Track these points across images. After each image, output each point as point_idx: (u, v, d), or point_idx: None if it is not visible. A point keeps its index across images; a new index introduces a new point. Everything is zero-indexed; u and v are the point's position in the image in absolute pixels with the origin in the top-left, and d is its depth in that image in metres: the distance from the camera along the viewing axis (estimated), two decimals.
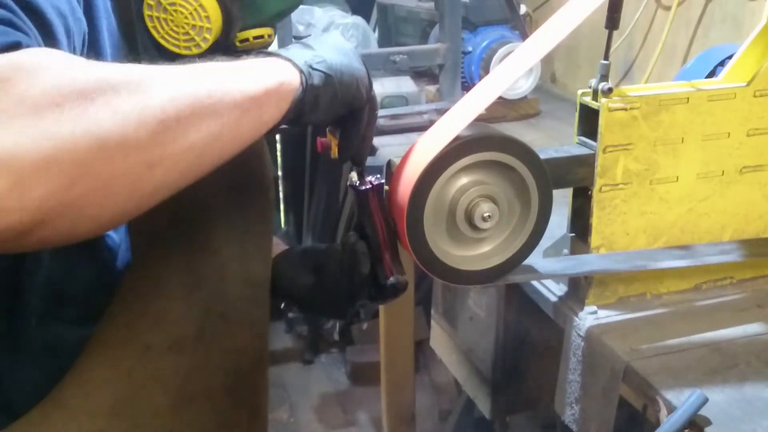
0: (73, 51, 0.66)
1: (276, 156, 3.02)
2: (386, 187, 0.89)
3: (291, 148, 2.98)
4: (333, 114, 0.78)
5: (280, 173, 3.10)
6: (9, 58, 0.53)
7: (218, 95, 0.63)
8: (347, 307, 0.95)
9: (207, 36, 0.80)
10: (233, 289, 0.86)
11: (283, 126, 0.74)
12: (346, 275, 0.91)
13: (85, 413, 0.77)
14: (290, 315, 2.91)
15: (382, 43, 2.46)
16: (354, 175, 0.88)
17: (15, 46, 0.54)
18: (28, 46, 0.56)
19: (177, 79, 0.61)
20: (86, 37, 0.70)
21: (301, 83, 0.72)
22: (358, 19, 2.43)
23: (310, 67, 0.74)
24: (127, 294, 0.77)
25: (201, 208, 0.63)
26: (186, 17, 0.79)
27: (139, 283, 0.78)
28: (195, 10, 0.79)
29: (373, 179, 0.86)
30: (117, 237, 0.78)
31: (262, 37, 0.91)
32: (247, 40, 0.89)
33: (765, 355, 0.99)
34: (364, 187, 0.87)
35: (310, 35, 1.98)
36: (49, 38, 0.62)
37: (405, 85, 2.08)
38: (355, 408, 2.63)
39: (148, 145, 0.56)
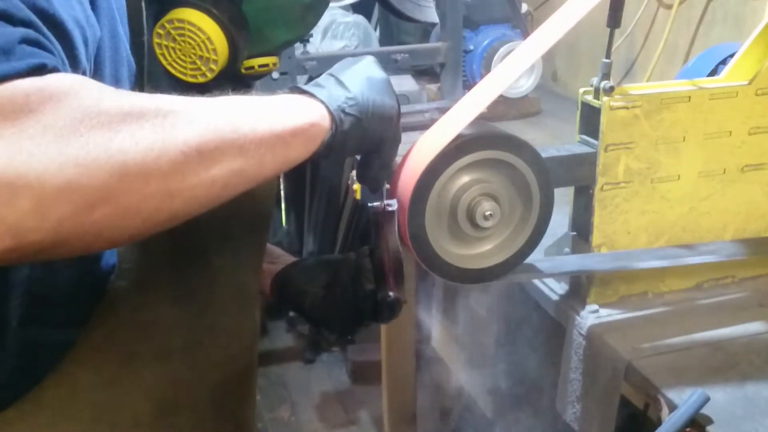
0: (89, 60, 0.66)
1: None
2: (387, 186, 0.89)
3: None
4: (359, 152, 0.80)
5: None
6: (38, 85, 0.54)
7: (244, 131, 0.63)
8: (354, 322, 0.95)
9: (213, 67, 0.81)
10: (224, 300, 0.86)
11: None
12: (352, 289, 0.92)
13: (65, 416, 0.76)
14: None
15: (383, 41, 2.46)
16: (355, 174, 0.88)
17: (41, 69, 0.55)
18: (54, 68, 0.56)
19: (203, 113, 0.62)
20: (99, 42, 0.71)
21: (331, 128, 0.73)
22: (360, 18, 2.43)
23: (343, 111, 0.74)
24: (115, 300, 0.77)
25: (194, 217, 0.63)
26: (194, 48, 0.80)
27: (128, 291, 0.77)
28: (203, 41, 0.80)
29: (386, 203, 0.87)
30: None
31: (267, 65, 0.92)
32: (252, 68, 0.90)
33: (766, 354, 0.99)
34: (375, 210, 0.87)
35: (310, 39, 1.98)
36: (70, 51, 0.62)
37: (406, 83, 2.08)
38: (356, 407, 2.63)
39: (168, 176, 0.57)
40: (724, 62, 1.42)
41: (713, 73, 1.42)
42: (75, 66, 0.62)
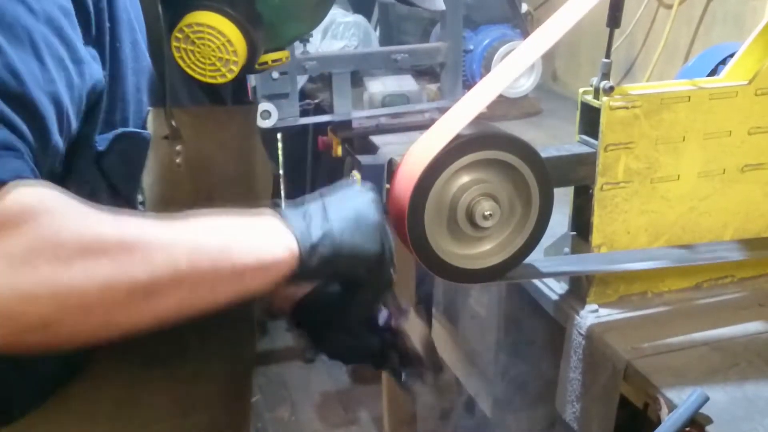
0: (68, 119, 0.66)
1: (277, 154, 3.02)
2: (387, 186, 0.89)
3: (292, 145, 2.98)
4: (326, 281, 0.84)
5: (281, 171, 3.10)
6: (19, 203, 0.56)
7: (204, 266, 0.65)
8: (370, 347, 0.95)
9: (233, 68, 0.81)
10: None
11: None
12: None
13: (87, 416, 0.78)
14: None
15: (383, 41, 2.46)
16: (355, 173, 0.88)
17: (16, 179, 0.57)
18: (18, 176, 0.57)
19: (165, 247, 0.63)
20: (121, 55, 0.72)
21: (297, 265, 0.72)
22: (360, 18, 2.43)
23: (314, 248, 0.72)
24: None
25: None
26: (213, 50, 0.80)
27: None
28: (223, 44, 0.80)
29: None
30: None
31: (279, 60, 0.92)
32: (266, 63, 0.91)
33: (766, 354, 0.99)
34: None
35: (310, 39, 1.97)
36: (39, 131, 0.62)
37: (406, 83, 2.07)
38: (356, 407, 2.63)
39: (110, 311, 0.61)
40: (724, 62, 1.43)
41: (713, 73, 1.43)
42: (44, 146, 0.63)
